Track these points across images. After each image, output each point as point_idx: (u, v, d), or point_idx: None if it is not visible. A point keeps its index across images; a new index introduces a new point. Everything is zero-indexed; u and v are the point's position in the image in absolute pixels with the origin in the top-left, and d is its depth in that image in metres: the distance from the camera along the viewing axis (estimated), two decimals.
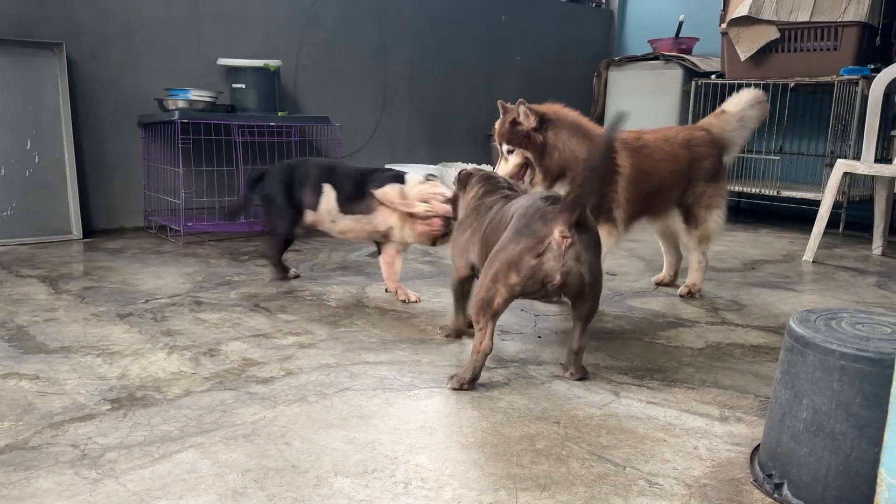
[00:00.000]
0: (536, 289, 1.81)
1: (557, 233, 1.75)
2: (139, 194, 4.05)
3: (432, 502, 1.33)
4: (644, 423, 1.70)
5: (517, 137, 2.53)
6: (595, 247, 1.83)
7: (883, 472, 1.01)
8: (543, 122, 2.53)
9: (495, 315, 1.83)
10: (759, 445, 1.56)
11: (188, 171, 3.94)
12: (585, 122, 2.66)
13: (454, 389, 1.85)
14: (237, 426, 1.61)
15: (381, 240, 2.76)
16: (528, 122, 2.51)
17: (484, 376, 1.95)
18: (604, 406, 1.79)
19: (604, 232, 2.52)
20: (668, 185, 2.77)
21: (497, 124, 2.61)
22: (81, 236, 3.71)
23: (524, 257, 1.77)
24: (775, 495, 1.39)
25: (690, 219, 2.86)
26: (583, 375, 1.97)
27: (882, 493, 1.01)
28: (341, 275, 3.11)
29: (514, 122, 2.53)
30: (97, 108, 3.86)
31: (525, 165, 2.56)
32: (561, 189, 2.53)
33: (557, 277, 1.76)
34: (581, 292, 1.82)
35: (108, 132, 3.91)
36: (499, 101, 2.64)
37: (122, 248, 3.55)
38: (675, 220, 2.88)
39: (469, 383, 1.86)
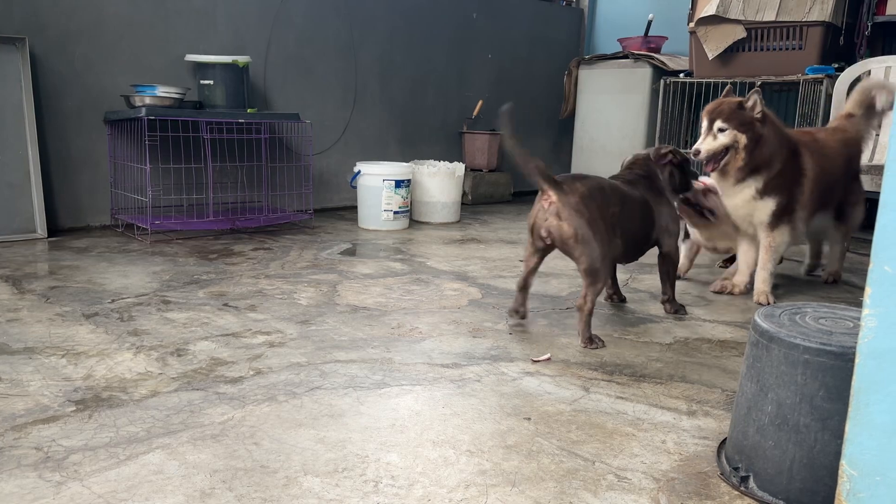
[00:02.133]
0: (540, 243, 2.28)
1: (542, 196, 2.23)
2: (106, 192, 3.98)
3: (402, 500, 1.32)
4: (613, 418, 1.72)
5: (738, 119, 2.66)
6: (582, 205, 2.17)
7: (844, 464, 1.03)
8: (765, 117, 2.67)
9: (526, 261, 2.37)
10: (725, 439, 1.58)
11: (155, 169, 3.89)
12: (783, 127, 2.82)
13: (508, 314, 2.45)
14: (205, 426, 1.59)
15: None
16: (755, 112, 2.66)
17: (455, 374, 1.96)
18: (574, 402, 1.80)
19: (782, 232, 2.80)
20: (837, 184, 2.95)
21: (716, 102, 2.75)
22: (46, 235, 3.64)
23: (529, 219, 2.30)
24: (741, 488, 1.41)
25: (841, 214, 3.08)
26: (586, 343, 2.24)
27: (844, 485, 1.03)
28: (312, 273, 3.09)
29: (742, 106, 2.67)
30: (62, 105, 3.79)
31: (727, 149, 2.69)
32: (755, 183, 2.73)
33: (543, 231, 2.24)
34: (566, 245, 2.21)
35: (73, 129, 3.84)
36: (727, 86, 2.86)
37: (88, 246, 3.49)
38: (827, 217, 3.07)
39: (510, 311, 2.45)
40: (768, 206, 2.74)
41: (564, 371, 2.02)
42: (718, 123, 2.67)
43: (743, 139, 2.65)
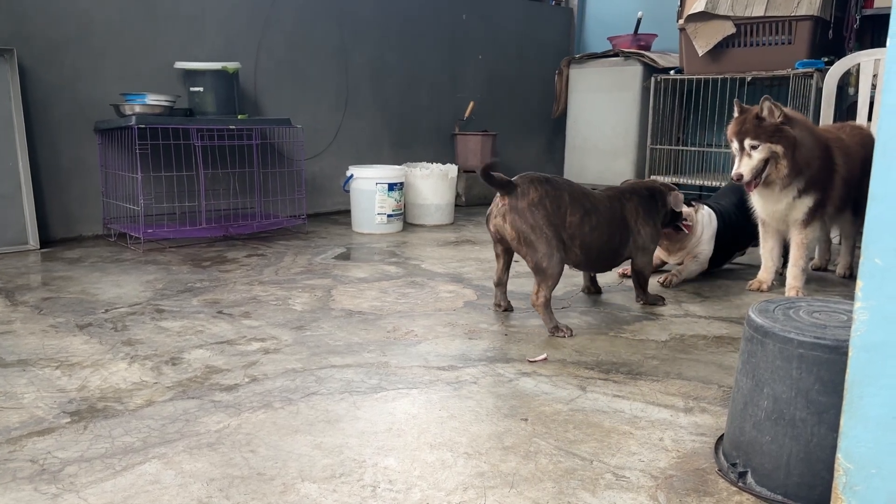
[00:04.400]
0: (496, 239, 2.46)
1: (500, 196, 2.37)
2: (97, 202, 3.97)
3: None
4: (610, 416, 1.72)
5: (765, 132, 2.63)
6: (527, 211, 2.29)
7: (840, 457, 1.03)
8: (787, 118, 2.64)
9: (496, 257, 2.55)
10: (722, 435, 1.58)
11: (147, 177, 3.88)
12: (811, 124, 2.82)
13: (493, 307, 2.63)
14: (201, 435, 1.59)
15: None
16: (774, 118, 2.62)
17: (451, 376, 1.96)
18: (571, 401, 1.80)
19: (814, 229, 2.80)
20: (859, 182, 2.92)
21: (735, 122, 2.71)
22: (38, 246, 3.63)
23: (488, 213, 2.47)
24: (739, 484, 1.41)
25: (859, 211, 3.06)
26: (552, 332, 2.34)
27: (840, 478, 1.03)
28: (306, 278, 3.08)
29: (759, 117, 2.63)
30: (51, 115, 3.78)
31: (766, 162, 2.65)
32: (797, 184, 2.71)
33: (492, 228, 2.42)
34: (510, 244, 2.38)
35: (63, 139, 3.83)
36: (735, 100, 2.76)
37: (81, 257, 3.48)
38: (846, 213, 3.08)
39: (493, 305, 2.63)
40: (805, 203, 2.75)
41: (561, 371, 2.01)
42: (749, 142, 2.63)
43: (779, 148, 2.62)
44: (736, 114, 2.72)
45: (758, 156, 2.64)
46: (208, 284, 2.95)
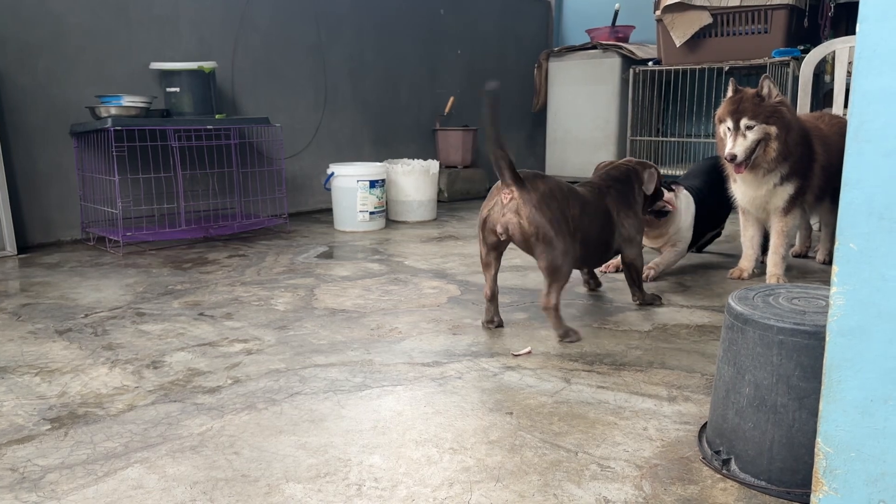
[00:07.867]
0: (494, 239, 2.21)
1: (502, 191, 2.16)
2: (75, 206, 3.92)
3: (386, 502, 1.31)
4: (595, 407, 1.72)
5: (763, 112, 2.61)
6: (543, 204, 2.13)
7: (820, 442, 1.04)
8: (783, 101, 2.63)
9: (486, 266, 2.29)
10: (706, 423, 1.59)
11: (125, 180, 3.85)
12: (794, 111, 2.81)
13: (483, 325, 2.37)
14: (184, 438, 1.57)
15: None
16: (773, 98, 2.60)
17: (436, 372, 1.95)
18: (555, 393, 1.80)
19: (794, 217, 2.80)
20: (837, 171, 2.85)
21: (730, 101, 2.68)
22: (16, 252, 3.58)
23: (481, 213, 2.22)
24: (723, 471, 1.42)
25: (836, 199, 3.01)
26: (561, 338, 2.22)
27: (820, 462, 1.04)
28: (288, 278, 3.06)
29: (759, 96, 2.62)
30: (26, 119, 3.72)
31: (757, 143, 2.64)
32: (780, 170, 2.70)
33: (499, 227, 2.16)
34: (526, 243, 2.15)
35: (39, 143, 3.78)
36: (730, 80, 2.73)
37: (60, 262, 3.44)
38: (825, 202, 3.06)
39: (485, 323, 2.36)
40: (786, 191, 2.76)
41: (545, 364, 2.02)
42: (745, 122, 2.61)
43: (774, 130, 2.62)
44: (730, 93, 2.71)
45: (752, 136, 2.62)
46: (189, 286, 2.93)
